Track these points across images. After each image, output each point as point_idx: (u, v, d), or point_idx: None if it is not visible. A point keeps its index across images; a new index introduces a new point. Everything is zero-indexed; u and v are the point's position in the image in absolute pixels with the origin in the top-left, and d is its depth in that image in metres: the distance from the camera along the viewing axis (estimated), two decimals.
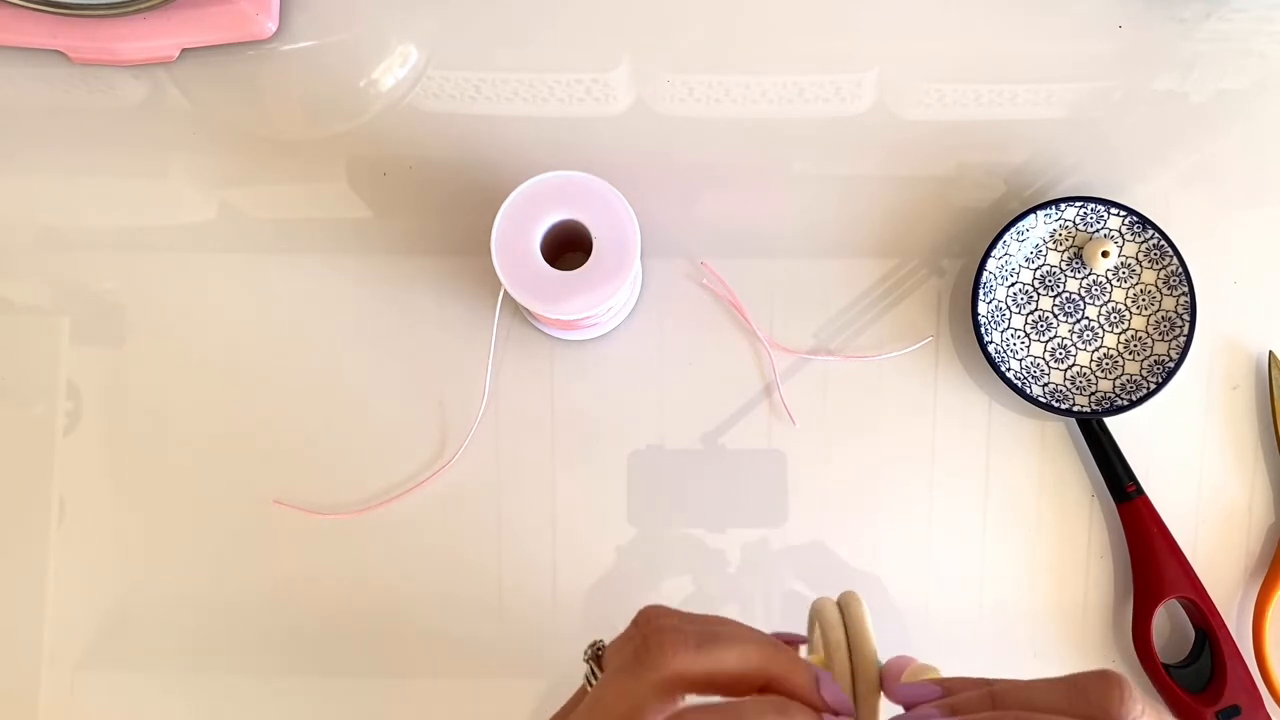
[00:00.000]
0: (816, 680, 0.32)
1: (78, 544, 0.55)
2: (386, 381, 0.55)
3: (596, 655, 0.34)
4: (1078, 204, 0.53)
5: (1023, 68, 0.55)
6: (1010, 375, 0.53)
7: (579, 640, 0.37)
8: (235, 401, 0.55)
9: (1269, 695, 0.52)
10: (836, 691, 0.32)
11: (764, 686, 0.32)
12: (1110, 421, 0.53)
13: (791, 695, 0.31)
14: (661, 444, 0.55)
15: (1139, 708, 0.28)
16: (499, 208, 0.48)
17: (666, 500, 0.54)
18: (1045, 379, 0.54)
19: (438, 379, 0.55)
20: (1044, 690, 0.29)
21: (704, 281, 0.55)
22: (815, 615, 0.36)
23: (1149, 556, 0.52)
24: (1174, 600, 0.53)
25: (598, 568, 0.54)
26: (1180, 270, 0.52)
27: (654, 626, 0.32)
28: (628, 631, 0.33)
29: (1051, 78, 0.55)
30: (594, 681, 0.34)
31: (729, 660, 0.31)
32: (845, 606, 0.35)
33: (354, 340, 0.55)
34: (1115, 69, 0.55)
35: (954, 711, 0.30)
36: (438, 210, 0.55)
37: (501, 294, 0.52)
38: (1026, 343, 0.54)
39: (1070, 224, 0.53)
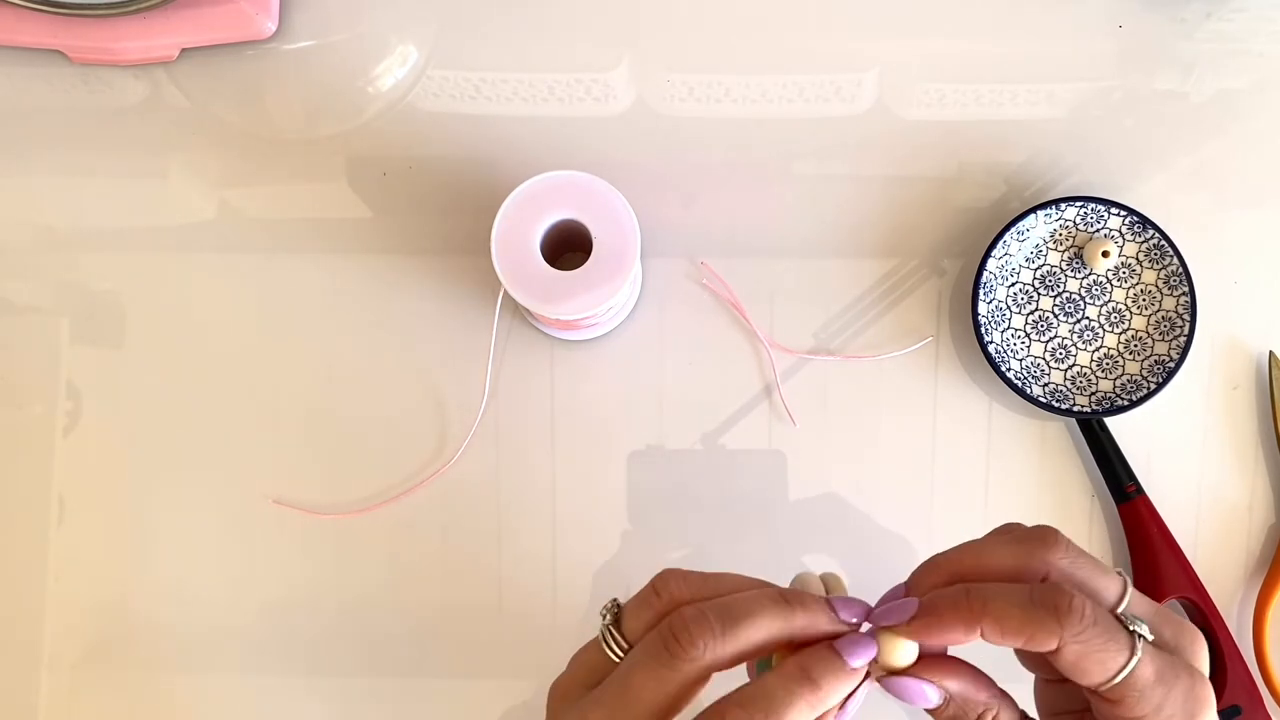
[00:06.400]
0: (833, 609, 0.34)
1: (78, 544, 0.55)
2: (386, 381, 0.55)
3: (616, 618, 0.35)
4: (1078, 204, 0.53)
5: (1023, 68, 0.55)
6: (1010, 375, 0.53)
7: (578, 640, 0.37)
8: (235, 401, 0.55)
9: (1269, 695, 0.52)
10: (853, 607, 0.34)
11: (787, 643, 0.33)
12: (1110, 421, 0.53)
13: (816, 640, 0.33)
14: (661, 444, 0.55)
15: (1062, 548, 0.33)
16: (499, 208, 0.48)
17: (666, 500, 0.54)
18: (1045, 379, 0.54)
19: (438, 379, 0.55)
20: (995, 551, 0.34)
21: (704, 281, 0.55)
22: (797, 584, 0.37)
23: (1149, 557, 0.52)
24: (1174, 600, 0.53)
25: (598, 568, 0.54)
26: (1180, 270, 0.52)
27: (681, 615, 0.33)
28: (646, 596, 0.34)
29: (1051, 78, 0.55)
30: (612, 641, 0.34)
31: (753, 637, 0.33)
32: (828, 581, 0.37)
33: (354, 340, 0.55)
34: (1115, 69, 0.55)
35: (925, 603, 0.33)
36: (438, 210, 0.55)
37: (501, 294, 0.52)
38: (1027, 343, 0.54)
39: (1070, 224, 0.54)
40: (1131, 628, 0.32)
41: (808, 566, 0.54)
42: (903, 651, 0.33)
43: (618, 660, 0.34)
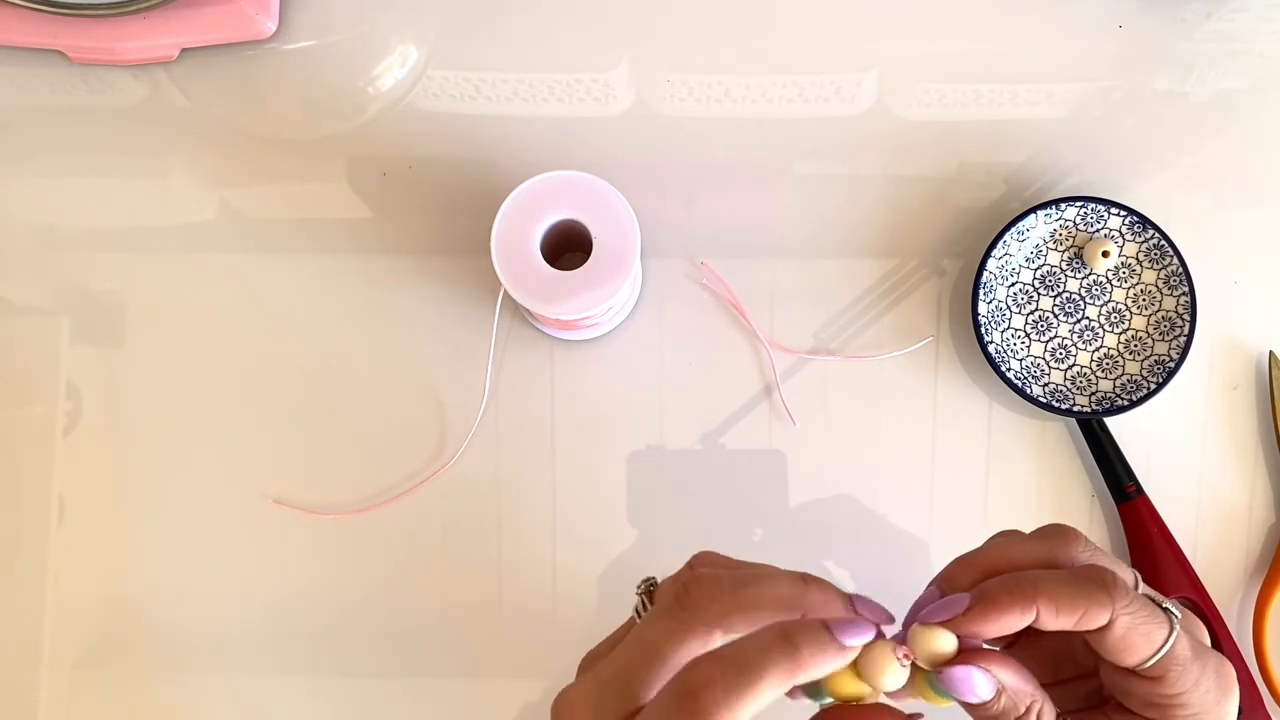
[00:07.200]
0: (851, 601, 0.34)
1: (78, 544, 0.55)
2: (386, 381, 0.55)
3: (649, 590, 0.36)
4: (1078, 204, 0.53)
5: (1023, 68, 0.55)
6: (1010, 375, 0.53)
7: (579, 640, 0.37)
8: (235, 401, 0.55)
9: (1269, 695, 0.52)
10: (873, 608, 0.34)
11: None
12: (1110, 421, 0.53)
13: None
14: (661, 444, 0.55)
15: (1082, 542, 0.34)
16: (499, 208, 0.48)
17: (666, 500, 0.54)
18: (1045, 379, 0.54)
19: (438, 379, 0.55)
20: (1021, 546, 0.35)
21: (704, 281, 0.55)
22: None
23: (1149, 557, 0.52)
24: (1174, 600, 0.52)
25: (598, 568, 0.54)
26: (1180, 270, 0.52)
27: (696, 573, 0.34)
28: (680, 572, 0.35)
29: (1051, 78, 0.55)
30: (642, 615, 0.35)
31: (764, 599, 0.33)
32: None
33: (354, 340, 0.55)
34: (1115, 69, 0.55)
35: (978, 594, 0.33)
36: (438, 210, 0.55)
37: (501, 294, 0.52)
38: (1027, 343, 0.54)
39: (1070, 224, 0.54)
40: (1164, 605, 0.33)
41: (808, 566, 0.54)
42: (943, 638, 0.33)
43: None
